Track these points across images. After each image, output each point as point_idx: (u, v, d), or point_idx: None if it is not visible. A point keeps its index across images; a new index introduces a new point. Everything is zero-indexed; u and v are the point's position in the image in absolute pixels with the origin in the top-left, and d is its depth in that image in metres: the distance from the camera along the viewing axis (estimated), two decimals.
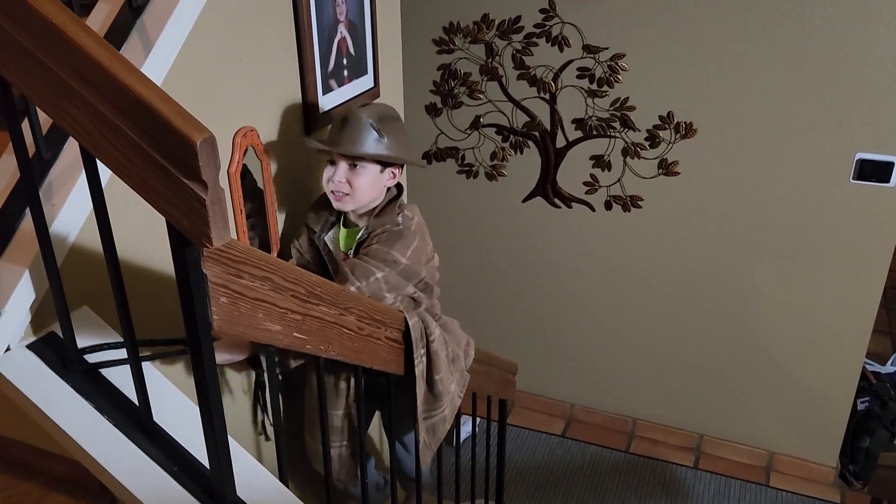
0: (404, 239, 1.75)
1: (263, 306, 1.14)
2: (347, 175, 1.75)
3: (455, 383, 1.82)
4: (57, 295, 1.16)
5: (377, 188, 1.80)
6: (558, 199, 2.92)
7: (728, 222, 2.69)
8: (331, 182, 1.76)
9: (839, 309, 2.64)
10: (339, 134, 1.73)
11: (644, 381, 3.10)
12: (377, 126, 1.72)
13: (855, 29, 2.28)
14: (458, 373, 1.83)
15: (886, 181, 2.40)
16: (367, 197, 1.78)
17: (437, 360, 1.67)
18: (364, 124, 1.71)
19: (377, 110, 1.75)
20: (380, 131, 1.72)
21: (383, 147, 1.73)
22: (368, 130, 1.71)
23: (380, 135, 1.72)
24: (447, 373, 1.74)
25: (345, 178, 1.75)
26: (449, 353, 1.77)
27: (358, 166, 1.74)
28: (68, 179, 1.30)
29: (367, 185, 1.76)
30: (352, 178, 1.75)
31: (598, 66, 2.63)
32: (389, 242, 1.73)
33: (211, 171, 0.85)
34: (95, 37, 0.89)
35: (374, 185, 1.78)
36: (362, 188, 1.75)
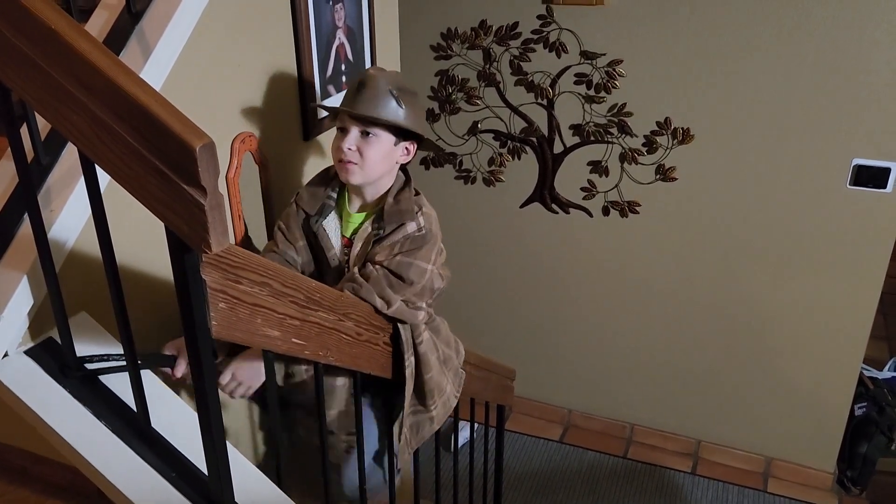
0: (428, 246, 1.63)
1: (262, 312, 1.14)
2: (359, 143, 1.60)
3: (450, 384, 1.78)
4: (55, 301, 1.16)
5: (388, 162, 1.65)
6: (556, 205, 2.92)
7: (725, 228, 2.69)
8: (340, 150, 1.61)
9: (836, 314, 2.65)
10: (354, 97, 1.60)
11: (642, 387, 3.10)
12: (396, 94, 1.59)
13: (852, 36, 2.29)
14: (451, 373, 1.79)
15: (883, 187, 2.41)
16: (377, 170, 1.63)
17: (426, 361, 1.64)
18: (383, 89, 1.58)
19: (397, 78, 1.62)
20: (399, 99, 1.59)
21: (401, 116, 1.60)
22: (387, 96, 1.58)
23: (399, 103, 1.59)
24: (439, 373, 1.71)
25: (356, 145, 1.60)
26: (440, 354, 1.73)
27: (371, 135, 1.59)
28: (67, 185, 1.30)
29: (379, 156, 1.61)
30: (363, 146, 1.60)
31: (596, 72, 2.63)
32: (413, 252, 1.61)
33: (210, 177, 0.85)
34: (94, 42, 0.89)
35: (385, 158, 1.63)
36: (373, 159, 1.60)
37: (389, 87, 1.58)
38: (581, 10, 2.56)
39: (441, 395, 1.73)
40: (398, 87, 1.59)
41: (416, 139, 1.69)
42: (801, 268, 2.64)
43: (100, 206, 1.03)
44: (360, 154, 1.60)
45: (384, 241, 1.60)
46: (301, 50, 1.96)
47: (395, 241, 1.60)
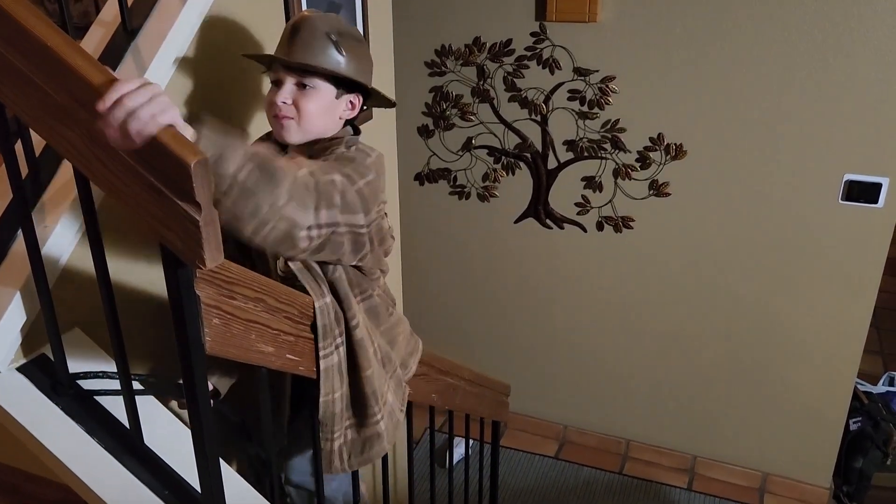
0: (356, 164, 1.35)
1: (256, 328, 1.14)
2: (295, 96, 1.39)
3: (391, 392, 1.52)
4: (48, 317, 1.16)
5: (330, 118, 1.43)
6: (550, 220, 2.93)
7: (719, 243, 2.70)
8: (273, 105, 1.40)
9: (830, 329, 2.65)
10: (288, 43, 1.39)
11: (637, 402, 3.10)
12: (336, 38, 1.38)
13: (840, 53, 2.31)
14: (393, 381, 1.54)
15: (874, 202, 2.42)
16: (316, 126, 1.42)
17: (362, 351, 1.39)
18: (319, 34, 1.37)
19: (336, 21, 1.41)
20: (339, 45, 1.38)
21: (342, 64, 1.39)
22: (325, 41, 1.37)
23: (338, 49, 1.38)
24: (380, 374, 1.45)
25: (291, 98, 1.39)
26: (376, 349, 1.47)
27: (308, 87, 1.38)
28: (61, 201, 1.30)
29: (319, 110, 1.40)
30: (300, 99, 1.39)
31: (589, 88, 2.65)
32: (342, 165, 1.33)
33: (205, 193, 0.85)
34: (90, 59, 0.90)
35: (326, 113, 1.42)
36: (312, 113, 1.39)
37: (327, 31, 1.38)
38: (574, 27, 2.58)
39: (384, 403, 1.47)
40: (338, 32, 1.40)
41: (363, 91, 1.47)
42: (794, 283, 2.64)
43: (94, 221, 1.02)
44: (297, 108, 1.39)
45: None
46: None
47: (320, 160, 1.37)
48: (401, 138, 2.97)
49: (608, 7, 2.52)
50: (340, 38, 1.39)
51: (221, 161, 1.03)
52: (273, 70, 1.43)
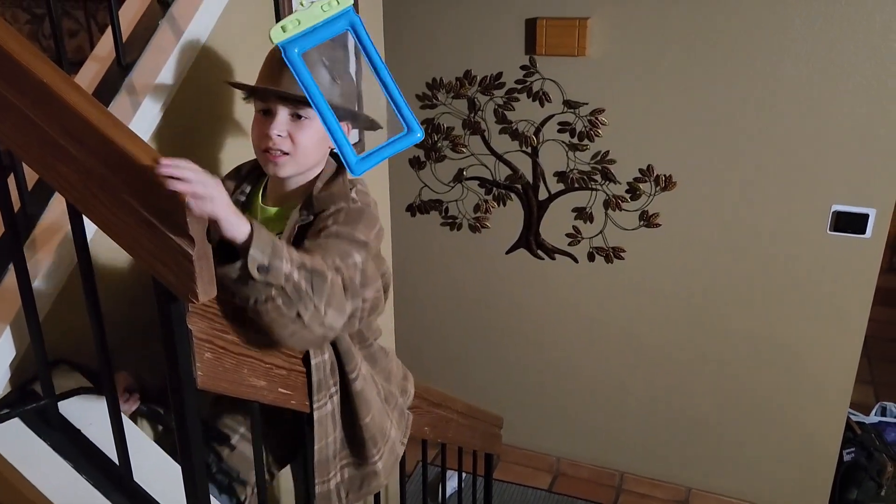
0: (367, 219, 1.31)
1: (248, 361, 1.14)
2: (289, 128, 1.31)
3: (394, 427, 1.50)
4: (38, 352, 1.15)
5: (322, 149, 1.36)
6: (541, 251, 2.94)
7: (710, 274, 2.72)
8: (266, 137, 1.30)
9: (822, 359, 2.66)
10: (276, 71, 1.30)
11: (630, 434, 3.08)
12: (329, 66, 1.30)
13: (826, 86, 2.35)
14: (396, 413, 1.53)
15: (862, 232, 2.45)
16: (311, 159, 1.34)
17: (360, 401, 1.37)
18: (315, 61, 1.28)
19: (325, 47, 1.27)
20: (332, 73, 1.31)
21: (338, 94, 1.32)
22: (320, 69, 1.29)
23: (332, 77, 1.31)
24: (381, 414, 1.44)
25: (286, 131, 1.30)
26: (380, 390, 1.46)
27: (303, 118, 1.31)
28: (53, 235, 1.30)
29: (315, 142, 1.32)
30: (296, 132, 1.30)
31: (579, 120, 2.68)
32: (351, 222, 1.28)
33: (198, 227, 0.85)
34: (85, 95, 0.90)
35: (320, 144, 1.35)
36: (307, 146, 1.31)
37: (322, 58, 1.30)
38: (563, 61, 2.62)
39: (385, 441, 1.47)
40: (331, 59, 1.32)
41: (351, 117, 1.41)
42: (785, 313, 2.65)
43: (87, 256, 1.02)
44: (293, 141, 1.31)
45: (314, 224, 1.30)
46: None
47: (326, 215, 1.30)
48: (393, 170, 2.98)
49: (596, 42, 2.56)
50: (333, 64, 1.33)
51: (275, 259, 1.00)
52: (261, 99, 1.33)
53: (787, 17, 2.32)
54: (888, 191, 2.39)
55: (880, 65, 2.27)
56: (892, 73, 2.26)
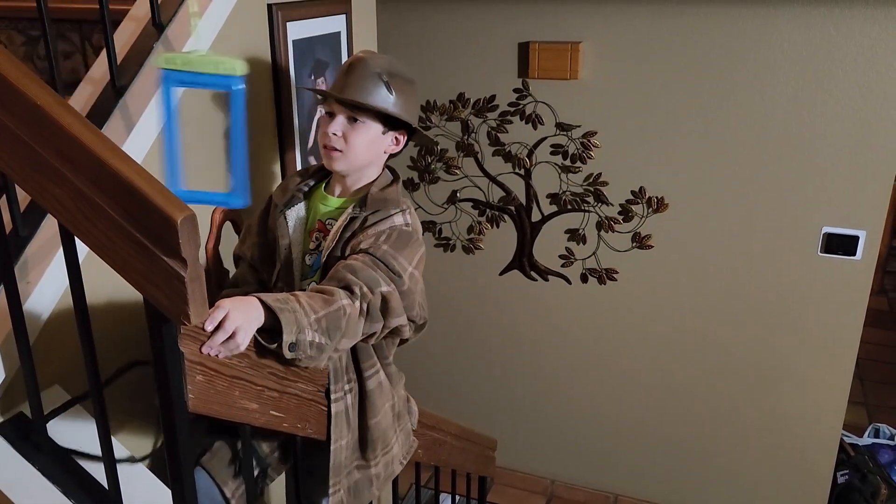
0: (413, 244, 1.48)
1: (240, 384, 1.13)
2: (345, 129, 1.49)
3: (398, 443, 1.63)
4: (28, 374, 1.14)
5: (375, 151, 1.54)
6: (535, 272, 2.94)
7: (702, 295, 2.72)
8: (325, 135, 1.51)
9: (814, 381, 2.66)
10: (342, 80, 1.49)
11: (625, 456, 3.07)
12: (386, 79, 1.48)
13: (815, 110, 2.37)
14: (402, 433, 1.66)
15: (853, 254, 2.46)
16: (362, 158, 1.52)
17: (372, 401, 1.50)
18: (370, 73, 1.47)
19: (389, 62, 1.51)
20: (389, 85, 1.48)
21: (390, 103, 1.49)
22: (376, 81, 1.47)
23: (388, 89, 1.48)
24: (388, 425, 1.56)
25: (342, 131, 1.49)
26: (394, 404, 1.59)
27: (358, 121, 1.48)
28: (44, 257, 1.29)
29: (365, 143, 1.50)
30: (349, 133, 1.49)
31: (571, 142, 2.70)
32: (398, 245, 1.44)
33: (191, 249, 0.85)
34: (78, 117, 0.91)
35: (372, 146, 1.52)
36: (358, 146, 1.49)
37: (378, 71, 1.47)
38: (556, 84, 2.64)
39: (385, 451, 1.57)
40: (389, 72, 1.49)
41: (407, 129, 1.57)
42: (777, 335, 2.66)
43: (78, 279, 1.02)
44: (346, 140, 1.49)
45: (369, 228, 1.47)
46: (283, 122, 1.99)
47: (381, 230, 1.46)
48: None
49: (589, 65, 2.59)
50: (391, 78, 1.49)
51: (300, 334, 1.17)
52: (327, 102, 1.53)
53: (777, 41, 2.35)
54: (878, 213, 2.41)
55: (868, 88, 2.30)
56: (881, 97, 2.29)
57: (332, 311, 1.24)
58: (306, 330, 1.18)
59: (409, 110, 1.53)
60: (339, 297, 1.27)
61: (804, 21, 2.31)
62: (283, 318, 1.14)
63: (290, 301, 1.18)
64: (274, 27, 1.89)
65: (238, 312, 1.09)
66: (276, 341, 1.16)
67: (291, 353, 1.17)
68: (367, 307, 1.32)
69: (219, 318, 1.06)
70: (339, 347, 1.28)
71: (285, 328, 1.14)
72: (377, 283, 1.35)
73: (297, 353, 1.18)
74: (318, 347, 1.21)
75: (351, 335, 1.29)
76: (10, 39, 2.03)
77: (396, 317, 1.39)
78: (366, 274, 1.34)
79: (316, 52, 2.09)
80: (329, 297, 1.26)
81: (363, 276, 1.34)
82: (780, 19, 2.33)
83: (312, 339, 1.19)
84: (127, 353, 1.53)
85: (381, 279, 1.36)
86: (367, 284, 1.33)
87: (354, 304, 1.30)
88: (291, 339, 1.16)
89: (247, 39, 1.83)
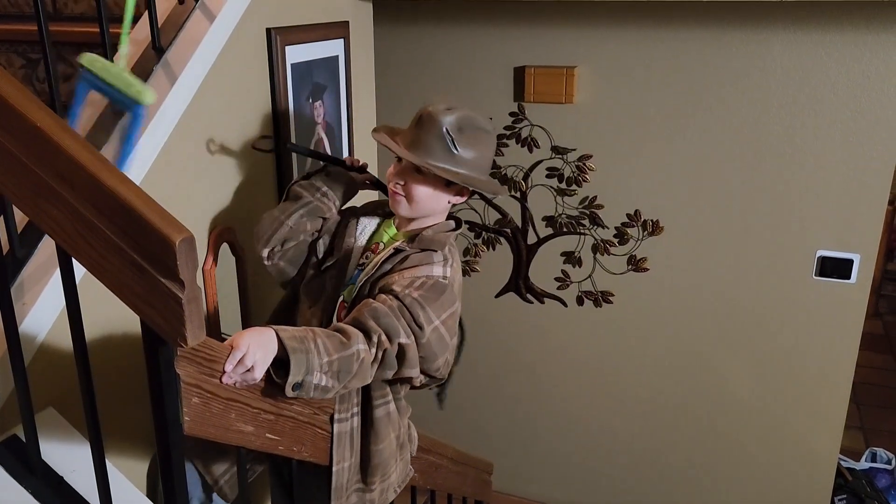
0: (445, 299, 1.46)
1: (236, 406, 1.12)
2: (408, 177, 1.49)
3: (396, 472, 1.65)
4: (22, 396, 1.13)
5: (439, 202, 1.53)
6: (531, 295, 2.94)
7: (697, 318, 2.72)
8: (391, 179, 1.53)
9: (810, 405, 2.65)
10: (411, 134, 1.50)
11: (621, 479, 3.05)
12: (453, 135, 1.45)
13: (808, 133, 2.39)
14: (402, 463, 1.69)
15: (847, 277, 2.47)
16: (423, 208, 1.52)
17: (379, 429, 1.52)
18: (437, 130, 1.45)
19: (459, 117, 1.47)
20: (455, 142, 1.45)
21: (452, 161, 1.46)
22: (440, 138, 1.45)
23: (453, 146, 1.45)
24: (391, 454, 1.58)
25: (404, 180, 1.49)
26: (400, 435, 1.62)
27: (422, 173, 1.48)
28: (41, 278, 1.29)
29: (426, 196, 1.49)
30: (411, 182, 1.48)
31: (567, 166, 2.71)
32: (429, 296, 1.42)
33: (188, 271, 0.85)
34: (78, 139, 0.91)
35: (434, 198, 1.51)
36: (419, 198, 1.49)
37: (446, 128, 1.45)
38: (551, 107, 2.66)
39: (384, 479, 1.60)
40: (458, 127, 1.47)
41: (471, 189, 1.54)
42: (773, 359, 2.66)
43: (75, 301, 1.02)
44: (408, 189, 1.49)
45: (407, 270, 1.46)
46: (280, 143, 2.00)
47: (417, 275, 1.45)
48: None
49: (584, 89, 2.61)
50: (458, 133, 1.46)
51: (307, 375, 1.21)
52: None
53: (770, 66, 2.38)
54: (872, 236, 2.42)
55: (860, 112, 2.32)
56: (872, 121, 2.32)
57: (346, 356, 1.27)
58: (315, 373, 1.22)
59: (477, 166, 1.50)
60: (355, 341, 1.29)
61: (797, 46, 2.34)
62: (293, 360, 1.18)
63: (306, 341, 1.22)
64: (273, 50, 1.91)
65: (256, 347, 1.15)
66: (285, 377, 1.19)
67: (294, 393, 1.21)
68: (383, 355, 1.34)
69: (238, 358, 1.12)
70: (348, 387, 1.32)
71: (293, 369, 1.18)
72: (397, 333, 1.35)
73: (299, 392, 1.21)
74: (323, 389, 1.24)
75: (360, 378, 1.32)
76: (9, 62, 2.05)
77: (410, 368, 1.40)
78: (387, 322, 1.35)
79: (314, 75, 2.11)
80: (346, 340, 1.28)
81: (384, 324, 1.34)
82: (773, 44, 2.36)
83: (319, 381, 1.23)
84: (123, 375, 1.52)
85: (402, 329, 1.36)
86: (386, 332, 1.34)
87: (370, 350, 1.32)
88: (298, 379, 1.19)
89: (246, 62, 1.85)
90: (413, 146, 1.47)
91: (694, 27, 2.43)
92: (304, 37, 2.04)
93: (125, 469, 1.40)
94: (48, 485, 1.18)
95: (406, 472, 1.73)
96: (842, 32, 2.28)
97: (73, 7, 2.10)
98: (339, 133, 2.31)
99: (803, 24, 2.31)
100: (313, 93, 2.11)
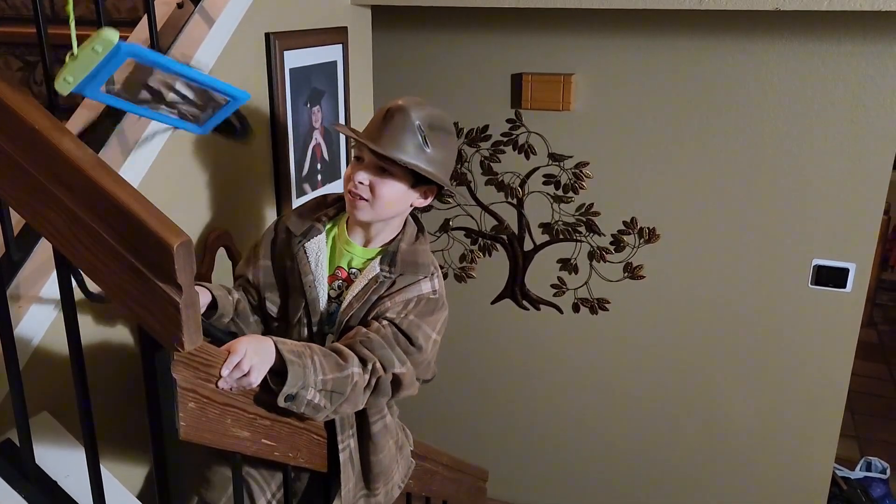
0: (438, 311, 1.45)
1: (232, 411, 1.12)
2: (372, 178, 1.40)
3: (399, 471, 1.68)
4: (17, 400, 1.12)
5: (402, 204, 1.45)
6: (527, 302, 2.94)
7: (693, 326, 2.73)
8: (350, 180, 1.42)
9: (805, 414, 2.66)
10: (377, 129, 1.40)
11: (617, 485, 3.04)
12: (425, 131, 1.39)
13: (805, 142, 2.40)
14: (403, 460, 1.71)
15: (843, 286, 2.48)
16: (388, 211, 1.44)
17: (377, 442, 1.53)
18: (409, 125, 1.37)
19: (429, 114, 1.40)
20: (426, 139, 1.39)
21: (424, 159, 1.39)
22: (413, 134, 1.37)
23: (425, 143, 1.38)
24: (391, 459, 1.61)
25: (368, 180, 1.40)
26: (398, 440, 1.66)
27: (387, 172, 1.40)
28: (37, 281, 1.28)
29: (393, 197, 1.42)
30: (377, 183, 1.40)
31: (563, 173, 2.72)
32: (424, 313, 1.42)
33: (186, 275, 0.85)
34: (75, 142, 0.91)
35: (399, 200, 1.44)
36: (386, 199, 1.41)
37: (418, 123, 1.38)
38: (548, 115, 2.67)
39: (387, 482, 1.63)
40: (429, 125, 1.40)
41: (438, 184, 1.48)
42: (768, 366, 2.66)
43: (71, 303, 1.01)
44: (373, 191, 1.41)
45: (397, 294, 1.42)
46: (278, 150, 2.00)
47: (409, 297, 1.42)
48: None
49: (581, 97, 2.62)
50: (429, 130, 1.40)
51: (302, 390, 1.21)
52: (357, 147, 1.44)
53: (767, 75, 2.39)
54: (867, 245, 2.43)
55: (856, 122, 2.33)
56: (868, 131, 2.33)
57: (341, 377, 1.28)
58: (309, 388, 1.22)
59: (444, 166, 1.45)
60: (351, 364, 1.30)
61: (794, 56, 2.35)
62: (290, 371, 1.19)
63: (304, 356, 1.23)
64: (271, 55, 1.91)
65: (254, 353, 1.16)
66: (280, 387, 1.20)
67: (285, 404, 1.21)
68: (377, 382, 1.34)
69: (234, 363, 1.13)
70: (339, 411, 1.32)
71: (290, 380, 1.19)
72: (391, 364, 1.35)
73: (291, 404, 1.21)
74: (315, 408, 1.25)
75: (352, 404, 1.33)
76: (6, 64, 2.04)
77: (406, 391, 1.42)
78: (382, 353, 1.34)
79: (312, 80, 2.11)
80: (342, 361, 1.29)
81: (379, 354, 1.34)
82: (770, 54, 2.37)
83: (312, 398, 1.23)
84: (118, 379, 1.51)
85: (397, 359, 1.36)
86: (381, 362, 1.34)
87: (364, 376, 1.32)
88: (292, 391, 1.20)
89: (244, 66, 1.85)
90: (382, 142, 1.37)
91: (691, 36, 2.44)
92: (303, 42, 2.04)
93: (119, 474, 1.39)
94: (42, 489, 1.18)
95: (408, 466, 1.74)
96: (838, 42, 2.29)
97: None
98: (336, 138, 2.31)
99: (800, 33, 2.32)
100: (311, 98, 2.11)
